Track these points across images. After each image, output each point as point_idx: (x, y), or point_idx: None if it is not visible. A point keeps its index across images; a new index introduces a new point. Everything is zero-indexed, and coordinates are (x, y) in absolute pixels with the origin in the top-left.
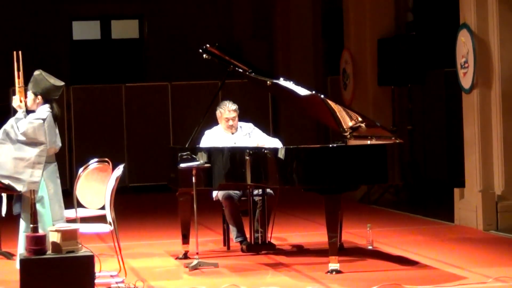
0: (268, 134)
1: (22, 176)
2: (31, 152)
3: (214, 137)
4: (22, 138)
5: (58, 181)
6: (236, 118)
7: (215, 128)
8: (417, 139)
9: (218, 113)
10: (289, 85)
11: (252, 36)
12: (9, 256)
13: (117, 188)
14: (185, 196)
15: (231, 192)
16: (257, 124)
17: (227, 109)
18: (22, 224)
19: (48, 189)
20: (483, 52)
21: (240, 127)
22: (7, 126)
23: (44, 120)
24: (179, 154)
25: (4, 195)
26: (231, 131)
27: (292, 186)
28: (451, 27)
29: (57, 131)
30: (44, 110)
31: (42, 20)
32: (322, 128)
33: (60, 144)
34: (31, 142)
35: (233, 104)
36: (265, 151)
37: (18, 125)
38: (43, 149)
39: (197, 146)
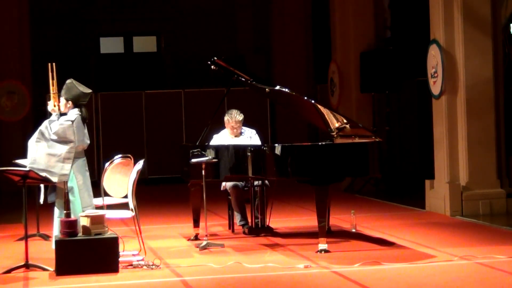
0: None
1: (54, 170)
2: (62, 149)
3: (220, 141)
4: (54, 137)
5: (87, 173)
6: (240, 126)
7: (222, 132)
8: (393, 138)
9: (225, 119)
10: (285, 92)
11: (253, 50)
12: (46, 237)
13: (138, 180)
14: (196, 187)
15: (237, 182)
16: (257, 126)
17: (234, 119)
18: (57, 210)
19: (77, 180)
20: (450, 64)
21: (244, 131)
22: (42, 127)
23: (72, 121)
24: (191, 151)
25: (42, 186)
26: (235, 135)
27: (287, 178)
28: (422, 42)
29: (85, 131)
30: (74, 113)
31: (74, 36)
32: (313, 128)
33: (89, 142)
34: (61, 141)
35: (240, 114)
36: (264, 148)
37: (51, 126)
38: (72, 146)
39: (207, 144)
